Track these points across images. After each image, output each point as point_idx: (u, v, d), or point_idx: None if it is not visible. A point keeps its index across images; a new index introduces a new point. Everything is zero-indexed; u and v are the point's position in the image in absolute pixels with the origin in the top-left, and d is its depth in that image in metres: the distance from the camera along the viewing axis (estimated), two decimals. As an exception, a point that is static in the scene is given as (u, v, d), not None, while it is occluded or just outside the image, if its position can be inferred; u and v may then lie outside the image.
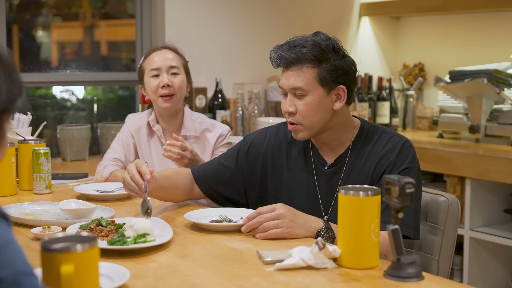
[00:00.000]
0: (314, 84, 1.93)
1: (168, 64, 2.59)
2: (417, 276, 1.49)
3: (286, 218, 1.81)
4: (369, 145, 2.01)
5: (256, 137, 2.18)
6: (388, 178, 1.52)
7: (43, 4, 3.79)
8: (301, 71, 1.93)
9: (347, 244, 1.57)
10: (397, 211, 1.50)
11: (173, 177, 2.14)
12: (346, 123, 2.03)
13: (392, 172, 1.94)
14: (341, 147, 2.04)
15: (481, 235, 3.35)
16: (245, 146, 2.17)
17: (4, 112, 1.01)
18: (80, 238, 1.17)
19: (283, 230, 1.80)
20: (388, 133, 2.02)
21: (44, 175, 2.43)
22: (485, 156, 3.25)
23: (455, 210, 2.08)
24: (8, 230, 0.92)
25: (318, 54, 1.92)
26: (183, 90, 2.61)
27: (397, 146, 1.96)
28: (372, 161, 1.98)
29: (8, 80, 1.01)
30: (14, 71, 1.03)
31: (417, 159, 1.98)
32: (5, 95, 1.00)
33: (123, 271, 1.44)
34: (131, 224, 1.76)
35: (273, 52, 1.99)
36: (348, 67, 1.96)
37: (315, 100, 1.93)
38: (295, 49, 1.93)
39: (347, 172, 2.01)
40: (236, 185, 2.16)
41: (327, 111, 1.96)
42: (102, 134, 3.57)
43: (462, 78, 3.60)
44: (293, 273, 1.53)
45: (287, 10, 4.18)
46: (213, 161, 2.22)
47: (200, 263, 1.61)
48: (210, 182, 2.17)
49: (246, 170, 2.15)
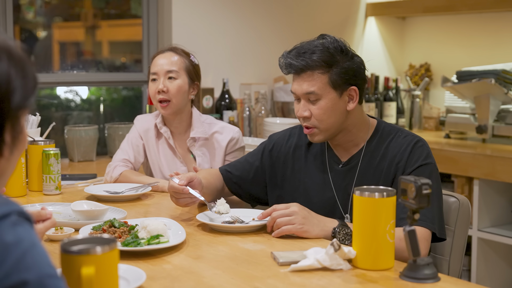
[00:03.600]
0: (326, 88, 1.94)
1: (166, 68, 2.56)
2: (433, 277, 1.49)
3: (299, 215, 1.81)
4: (383, 144, 2.01)
5: (281, 137, 2.22)
6: (404, 179, 1.51)
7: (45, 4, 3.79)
8: (312, 77, 1.94)
9: (362, 245, 1.57)
10: (413, 212, 1.49)
11: (213, 181, 2.18)
12: (360, 123, 2.03)
13: (405, 171, 1.93)
14: (355, 147, 2.05)
15: (489, 235, 3.34)
16: (270, 145, 2.21)
17: (20, 107, 1.00)
18: (100, 240, 1.17)
19: (296, 226, 1.80)
20: (403, 132, 2.02)
21: (54, 176, 2.43)
22: (493, 157, 3.25)
23: (465, 211, 2.07)
24: (32, 232, 0.92)
25: (327, 59, 1.92)
26: (180, 95, 2.57)
27: (409, 145, 1.96)
28: (385, 160, 1.98)
29: (21, 75, 1.00)
30: (27, 66, 1.02)
31: (432, 157, 1.97)
32: (20, 90, 0.99)
33: (139, 273, 1.44)
34: (144, 226, 1.76)
35: (281, 59, 1.99)
36: (357, 67, 1.97)
37: (329, 104, 1.94)
38: (304, 55, 1.94)
39: (361, 171, 2.02)
40: (259, 182, 2.20)
41: (341, 112, 1.97)
42: (110, 134, 3.57)
43: (470, 78, 3.60)
44: (308, 274, 1.53)
45: (294, 11, 4.18)
46: (241, 159, 2.28)
47: (214, 264, 1.61)
48: (237, 179, 2.22)
49: (268, 168, 2.19)
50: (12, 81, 0.98)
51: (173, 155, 2.63)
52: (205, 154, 2.63)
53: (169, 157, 2.63)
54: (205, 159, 2.62)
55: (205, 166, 2.61)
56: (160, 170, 2.63)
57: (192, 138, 2.62)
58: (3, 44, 0.99)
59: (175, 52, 2.61)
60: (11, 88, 0.98)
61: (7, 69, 0.97)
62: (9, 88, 0.98)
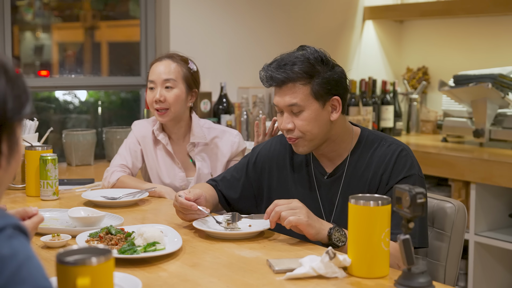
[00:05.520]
0: (309, 99, 1.94)
1: (163, 77, 2.56)
2: (427, 285, 1.49)
3: (303, 209, 1.81)
4: (368, 153, 2.01)
5: (263, 148, 2.22)
6: (398, 188, 1.52)
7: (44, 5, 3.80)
8: (294, 89, 1.94)
9: (357, 253, 1.57)
10: (408, 221, 1.50)
11: (212, 193, 2.18)
12: (344, 133, 2.03)
13: (389, 183, 1.94)
14: (339, 158, 2.05)
15: (486, 239, 3.35)
16: (253, 157, 2.21)
17: (14, 119, 1.02)
18: (95, 250, 1.18)
19: (302, 219, 1.79)
20: (387, 140, 2.02)
21: (51, 181, 2.43)
22: (490, 161, 3.26)
23: (461, 216, 2.08)
24: (27, 245, 0.93)
25: (308, 70, 1.92)
26: (177, 104, 2.57)
27: (393, 154, 1.96)
28: (370, 169, 1.99)
29: (14, 87, 1.02)
30: (19, 78, 1.04)
31: (417, 166, 1.97)
32: (12, 102, 1.01)
33: (135, 281, 1.45)
34: (140, 233, 1.77)
35: (262, 72, 1.99)
36: (339, 77, 1.97)
37: (312, 115, 1.94)
38: (285, 67, 1.93)
39: (346, 181, 2.02)
40: (248, 197, 2.19)
41: (325, 123, 1.97)
42: (108, 138, 3.58)
43: (467, 83, 3.61)
44: (303, 282, 1.53)
45: (291, 14, 4.19)
46: (228, 175, 2.25)
47: (210, 272, 1.62)
48: (226, 196, 2.22)
49: (254, 181, 2.19)
50: (7, 95, 1.00)
51: (171, 161, 2.64)
52: (205, 159, 2.64)
53: (168, 163, 2.64)
54: (204, 164, 2.63)
55: (204, 171, 2.62)
56: (159, 175, 2.64)
57: (192, 143, 2.63)
58: None
59: (172, 60, 2.59)
60: (6, 102, 1.00)
61: (4, 84, 0.99)
62: (5, 102, 0.99)
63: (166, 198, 2.49)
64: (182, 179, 2.62)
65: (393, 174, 1.94)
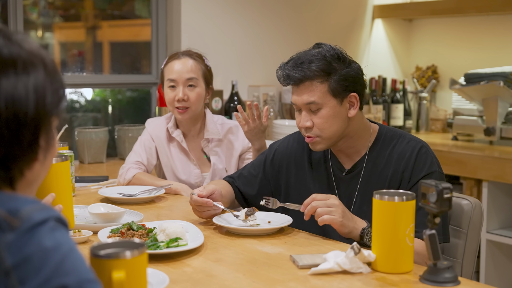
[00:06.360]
0: (327, 97, 1.94)
1: (185, 76, 2.56)
2: (453, 281, 1.50)
3: (339, 208, 1.81)
4: (386, 150, 2.01)
5: (281, 144, 2.22)
6: (424, 183, 1.52)
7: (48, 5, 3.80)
8: (312, 87, 1.94)
9: (382, 249, 1.58)
10: (434, 216, 1.50)
11: (229, 189, 2.18)
12: (362, 129, 2.03)
13: (411, 181, 1.94)
14: (357, 154, 2.05)
15: (498, 237, 3.35)
16: (271, 154, 2.21)
17: (53, 113, 1.03)
18: (129, 244, 1.18)
19: (336, 218, 1.79)
20: (406, 137, 2.02)
21: (68, 178, 2.43)
22: (502, 159, 3.26)
23: (478, 213, 2.08)
24: (69, 237, 0.94)
25: (325, 67, 1.92)
26: (199, 102, 2.59)
27: (413, 152, 1.96)
28: (390, 166, 1.99)
29: (52, 81, 1.02)
30: (58, 74, 1.05)
31: (437, 162, 1.98)
32: (51, 96, 1.02)
33: (162, 276, 1.45)
34: (162, 229, 1.77)
35: (279, 71, 1.99)
36: (355, 73, 1.97)
37: (330, 112, 1.94)
38: (302, 66, 1.93)
39: (365, 178, 2.02)
40: (265, 193, 2.19)
41: (343, 120, 1.97)
42: (120, 136, 3.58)
43: (478, 81, 3.61)
44: (328, 277, 1.54)
45: (301, 13, 4.19)
46: (245, 171, 2.24)
47: (235, 267, 1.62)
48: (243, 193, 2.22)
49: (272, 178, 2.19)
50: (46, 89, 1.00)
51: (186, 158, 2.64)
52: (219, 155, 2.65)
53: (183, 160, 2.64)
54: (219, 160, 2.64)
55: (219, 166, 2.62)
56: (174, 172, 2.64)
57: (206, 139, 2.64)
58: (38, 53, 1.01)
59: (190, 57, 2.59)
60: (45, 96, 1.00)
61: (43, 78, 1.00)
62: (44, 96, 1.00)
63: (182, 195, 2.49)
64: (197, 176, 2.62)
65: (414, 171, 1.94)
